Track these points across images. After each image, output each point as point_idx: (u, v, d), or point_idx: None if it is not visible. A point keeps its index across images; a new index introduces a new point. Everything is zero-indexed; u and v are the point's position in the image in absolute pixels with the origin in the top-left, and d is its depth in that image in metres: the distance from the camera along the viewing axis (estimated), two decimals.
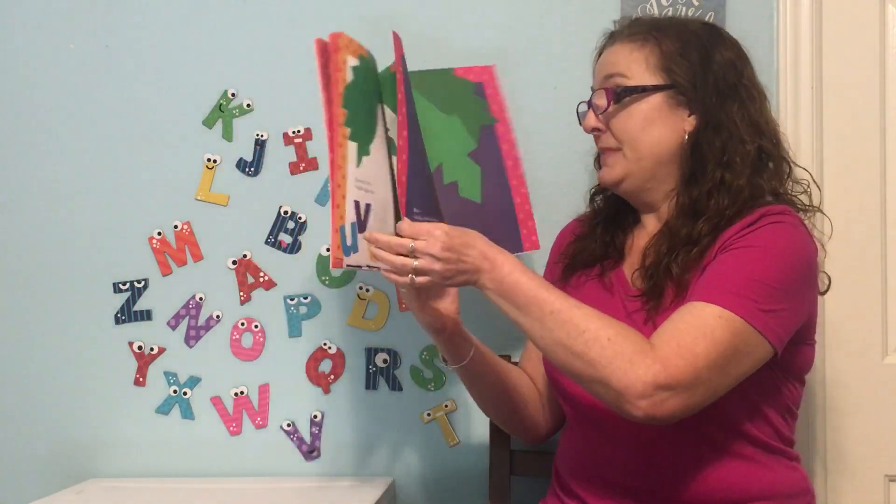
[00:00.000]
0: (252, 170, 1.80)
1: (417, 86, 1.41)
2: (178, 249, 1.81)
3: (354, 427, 1.78)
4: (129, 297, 1.81)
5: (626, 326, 1.17)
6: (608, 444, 1.32)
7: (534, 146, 1.72)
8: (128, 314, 1.81)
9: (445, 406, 1.76)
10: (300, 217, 1.79)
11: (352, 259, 1.23)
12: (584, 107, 1.42)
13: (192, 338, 1.81)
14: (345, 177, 1.23)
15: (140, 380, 1.81)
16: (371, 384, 1.78)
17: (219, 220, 1.80)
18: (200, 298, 1.81)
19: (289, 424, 1.79)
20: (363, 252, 1.25)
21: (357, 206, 1.24)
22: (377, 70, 1.35)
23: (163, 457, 1.80)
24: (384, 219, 1.29)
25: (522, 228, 1.51)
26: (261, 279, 1.79)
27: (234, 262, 1.80)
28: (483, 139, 1.49)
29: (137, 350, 1.81)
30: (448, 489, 1.77)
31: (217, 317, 1.80)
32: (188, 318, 1.81)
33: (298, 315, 1.79)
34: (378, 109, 1.33)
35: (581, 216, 1.56)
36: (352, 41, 1.28)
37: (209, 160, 1.80)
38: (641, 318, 1.30)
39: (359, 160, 1.26)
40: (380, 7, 1.76)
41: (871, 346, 1.71)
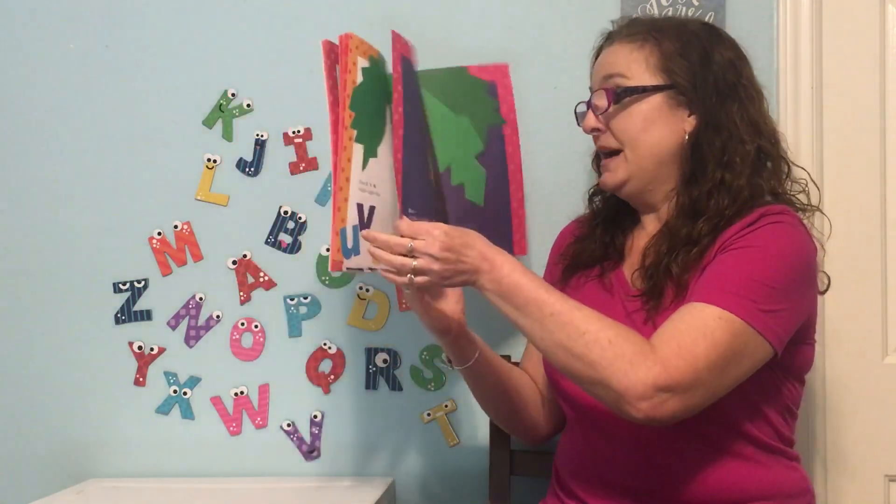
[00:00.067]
0: (252, 170, 1.80)
1: (428, 85, 1.40)
2: (178, 249, 1.81)
3: (354, 427, 1.78)
4: (129, 297, 1.81)
5: (627, 328, 1.17)
6: (608, 445, 1.32)
7: (533, 146, 1.72)
8: (128, 314, 1.81)
9: (445, 406, 1.76)
10: (300, 217, 1.79)
11: (352, 262, 1.23)
12: (583, 107, 1.42)
13: (192, 338, 1.81)
14: (348, 179, 1.22)
15: (140, 380, 1.81)
16: (371, 384, 1.78)
17: (219, 220, 1.80)
18: (200, 298, 1.81)
19: (289, 424, 1.79)
20: (365, 254, 1.24)
21: (360, 209, 1.24)
22: (387, 70, 1.34)
23: (163, 457, 1.80)
24: (389, 220, 1.29)
25: (515, 233, 1.51)
26: (261, 279, 1.79)
27: (234, 262, 1.80)
28: (490, 140, 1.48)
29: (137, 350, 1.81)
30: (448, 489, 1.77)
31: (217, 317, 1.80)
32: (188, 318, 1.81)
33: (298, 315, 1.79)
34: (387, 110, 1.32)
35: (580, 217, 1.55)
36: (363, 42, 1.26)
37: (209, 160, 1.80)
38: (641, 319, 1.29)
39: (364, 162, 1.25)
40: (380, 7, 1.76)
41: (871, 346, 1.71)
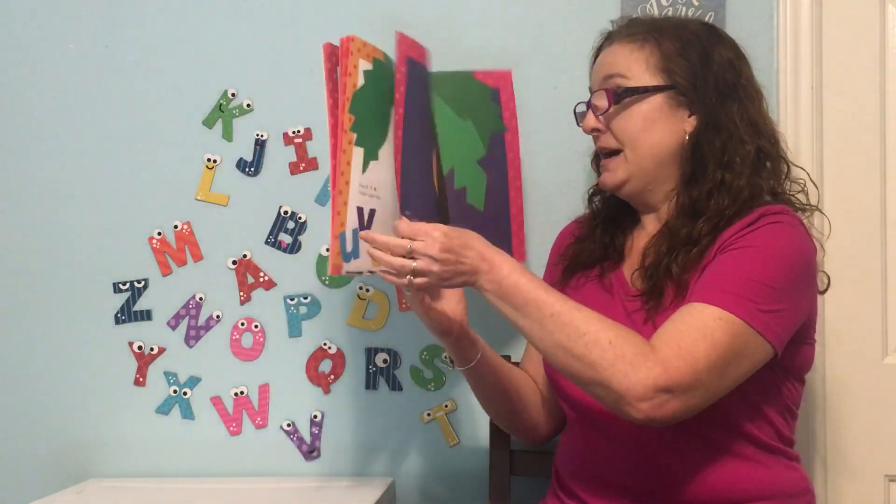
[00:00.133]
0: (252, 170, 1.80)
1: (437, 88, 1.39)
2: (178, 249, 1.81)
3: (354, 427, 1.78)
4: (129, 297, 1.81)
5: (627, 329, 1.17)
6: (608, 445, 1.32)
7: (533, 146, 1.72)
8: (128, 314, 1.81)
9: (445, 406, 1.76)
10: (300, 217, 1.79)
11: (352, 265, 1.23)
12: (583, 107, 1.42)
13: (192, 338, 1.81)
14: (347, 183, 1.21)
15: (140, 380, 1.81)
16: (371, 384, 1.77)
17: (219, 220, 1.80)
18: (200, 298, 1.81)
19: (289, 424, 1.79)
20: (365, 257, 1.24)
21: (360, 212, 1.23)
22: (394, 72, 1.32)
23: (163, 457, 1.80)
24: (390, 222, 1.28)
25: (514, 239, 1.51)
26: (261, 279, 1.79)
27: (234, 262, 1.80)
28: (492, 146, 1.47)
29: (137, 350, 1.81)
30: (448, 489, 1.77)
31: (217, 317, 1.80)
32: (188, 318, 1.81)
33: (298, 315, 1.79)
34: (391, 112, 1.31)
35: (580, 217, 1.55)
36: (365, 45, 1.25)
37: (209, 160, 1.80)
38: (641, 318, 1.29)
39: (365, 165, 1.25)
40: (380, 7, 1.76)
41: (871, 346, 1.71)
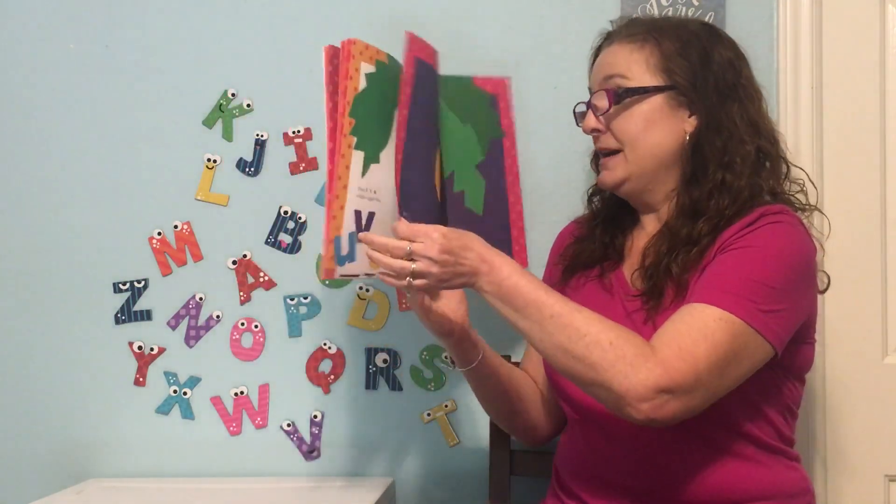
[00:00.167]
0: (252, 170, 1.80)
1: (441, 91, 1.38)
2: (178, 249, 1.81)
3: (354, 427, 1.78)
4: (129, 297, 1.81)
5: (627, 330, 1.17)
6: (608, 445, 1.32)
7: (533, 146, 1.73)
8: (128, 314, 1.81)
9: (445, 406, 1.76)
10: (300, 217, 1.79)
11: (347, 269, 1.22)
12: (582, 107, 1.42)
13: (192, 338, 1.81)
14: (345, 187, 1.21)
15: (140, 380, 1.81)
16: (371, 384, 1.77)
17: (219, 220, 1.80)
18: (200, 298, 1.81)
19: (289, 424, 1.79)
20: (362, 261, 1.23)
21: (358, 216, 1.22)
22: (399, 73, 1.31)
23: (163, 457, 1.80)
24: (389, 225, 1.27)
25: (515, 245, 1.50)
26: (261, 279, 1.79)
27: (234, 262, 1.80)
28: (490, 152, 1.46)
29: (137, 350, 1.81)
30: (448, 489, 1.77)
31: (217, 317, 1.80)
32: (188, 318, 1.81)
33: (298, 315, 1.79)
34: (395, 114, 1.30)
35: (579, 218, 1.55)
36: (368, 47, 1.24)
37: (209, 160, 1.80)
38: (641, 318, 1.29)
39: (365, 169, 1.24)
40: (380, 7, 1.76)
41: (871, 346, 1.71)
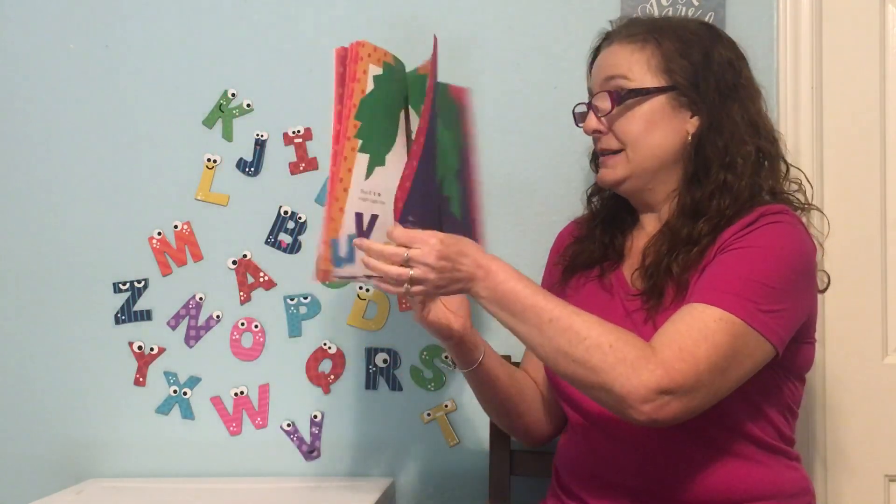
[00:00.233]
0: (252, 170, 1.80)
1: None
2: (178, 249, 1.81)
3: (354, 427, 1.78)
4: (129, 297, 1.81)
5: (627, 331, 1.17)
6: (609, 445, 1.32)
7: (533, 146, 1.73)
8: (128, 314, 1.81)
9: (445, 406, 1.76)
10: (300, 217, 1.78)
11: (344, 271, 1.21)
12: (582, 108, 1.41)
13: (192, 338, 1.80)
14: (346, 190, 1.20)
15: (140, 380, 1.81)
16: (371, 384, 1.77)
17: (219, 220, 1.80)
18: (200, 298, 1.80)
19: (289, 424, 1.79)
20: (359, 263, 1.21)
21: (359, 218, 1.21)
22: (405, 74, 1.30)
23: (163, 457, 1.80)
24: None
25: None
26: (261, 279, 1.79)
27: (234, 262, 1.80)
28: (461, 159, 1.45)
29: (137, 350, 1.81)
30: (448, 489, 1.77)
31: (217, 317, 1.80)
32: (188, 318, 1.80)
33: (298, 315, 1.79)
34: (401, 116, 1.30)
35: (579, 218, 1.55)
36: (376, 49, 1.24)
37: (209, 160, 1.80)
38: (641, 318, 1.29)
39: (369, 171, 1.23)
40: (379, 6, 1.76)
41: (871, 346, 1.71)
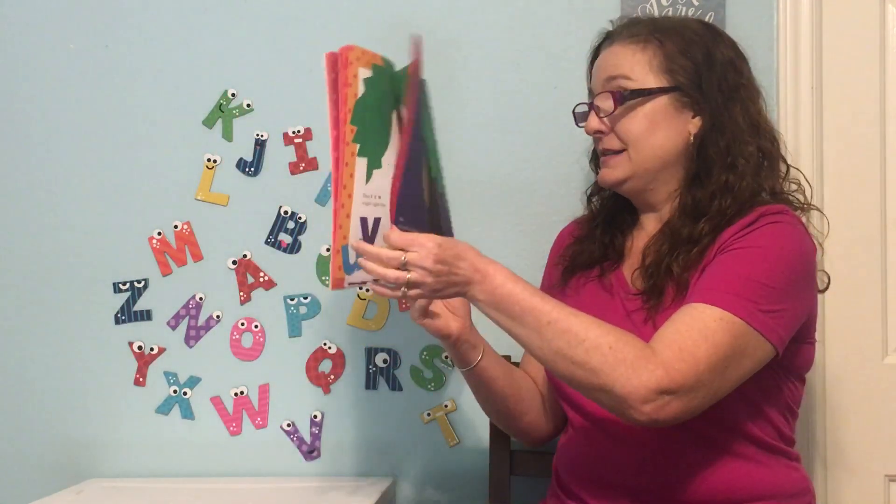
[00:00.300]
0: (252, 170, 1.80)
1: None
2: (178, 249, 1.81)
3: (354, 427, 1.78)
4: (129, 297, 1.81)
5: (626, 332, 1.16)
6: (609, 445, 1.32)
7: (533, 146, 1.72)
8: (128, 314, 1.81)
9: (445, 406, 1.76)
10: (300, 217, 1.78)
11: (354, 277, 1.21)
12: (583, 108, 1.41)
13: (192, 338, 1.80)
14: (350, 196, 1.20)
15: (140, 380, 1.81)
16: (371, 384, 1.77)
17: (219, 220, 1.80)
18: (200, 298, 1.80)
19: (289, 424, 1.79)
20: None
21: (364, 223, 1.21)
22: (394, 74, 1.29)
23: (163, 457, 1.80)
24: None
25: None
26: (261, 279, 1.79)
27: (234, 262, 1.80)
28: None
29: (137, 350, 1.81)
30: (448, 489, 1.77)
31: (217, 317, 1.80)
32: (188, 318, 1.80)
33: (298, 315, 1.79)
34: (394, 117, 1.29)
35: (579, 218, 1.55)
36: (364, 52, 1.23)
37: (209, 160, 1.80)
38: (641, 318, 1.29)
39: (368, 175, 1.23)
40: (379, 7, 1.76)
41: (871, 346, 1.71)
